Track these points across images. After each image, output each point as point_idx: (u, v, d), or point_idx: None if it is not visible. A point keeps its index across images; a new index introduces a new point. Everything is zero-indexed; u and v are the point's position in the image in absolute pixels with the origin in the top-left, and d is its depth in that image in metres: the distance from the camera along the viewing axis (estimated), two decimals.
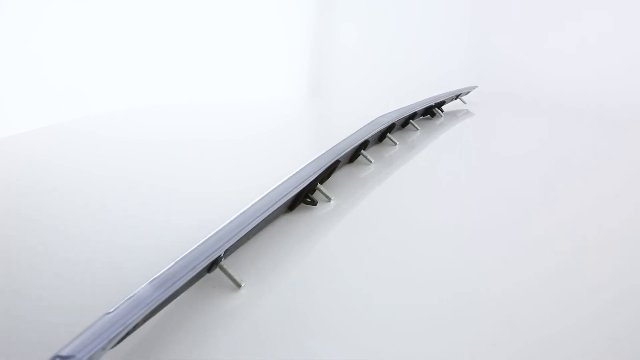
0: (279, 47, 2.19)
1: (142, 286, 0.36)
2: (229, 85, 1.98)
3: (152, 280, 0.36)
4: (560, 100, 1.43)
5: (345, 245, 0.54)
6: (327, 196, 0.61)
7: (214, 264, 0.43)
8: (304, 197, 0.59)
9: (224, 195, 0.65)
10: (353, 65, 2.10)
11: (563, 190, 0.67)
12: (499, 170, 0.77)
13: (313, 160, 0.60)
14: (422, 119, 1.06)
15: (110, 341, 0.31)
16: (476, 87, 1.32)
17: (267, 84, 2.06)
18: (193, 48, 2.04)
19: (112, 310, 0.33)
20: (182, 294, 0.41)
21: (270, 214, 0.51)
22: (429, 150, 0.87)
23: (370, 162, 0.75)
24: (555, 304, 0.41)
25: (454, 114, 1.15)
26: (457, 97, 1.21)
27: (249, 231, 0.47)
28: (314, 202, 0.60)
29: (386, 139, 0.86)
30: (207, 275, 0.44)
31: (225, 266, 0.43)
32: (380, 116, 0.83)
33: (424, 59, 1.97)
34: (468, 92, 1.29)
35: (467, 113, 1.18)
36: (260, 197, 0.51)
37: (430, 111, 1.07)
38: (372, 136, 0.77)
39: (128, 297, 0.34)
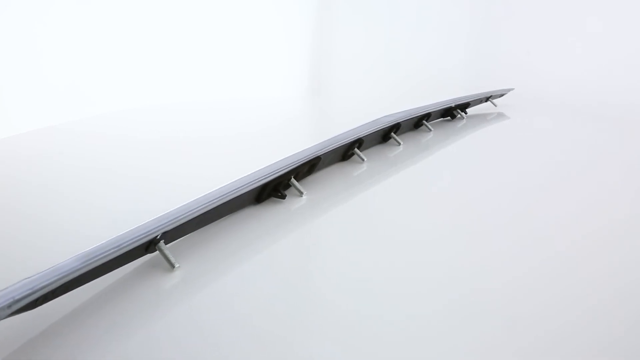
0: (279, 46, 2.19)
1: (69, 258, 0.38)
2: (229, 84, 1.98)
3: (78, 254, 0.39)
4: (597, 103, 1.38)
5: (304, 240, 0.54)
6: (299, 191, 0.61)
7: (152, 244, 0.45)
8: (273, 190, 0.59)
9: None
10: (354, 64, 2.10)
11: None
12: (510, 179, 0.73)
13: (290, 156, 0.60)
14: (442, 120, 1.01)
15: (16, 301, 0.33)
16: (512, 89, 1.23)
17: (267, 82, 2.06)
18: (194, 48, 2.04)
19: (31, 276, 0.35)
20: (124, 270, 0.44)
21: (227, 204, 0.52)
22: (434, 154, 0.84)
23: (363, 160, 0.74)
24: (554, 302, 0.41)
25: (483, 117, 1.09)
26: (487, 99, 1.13)
27: (199, 217, 0.48)
28: (282, 196, 0.59)
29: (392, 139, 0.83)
30: (157, 255, 0.46)
31: (162, 247, 0.45)
32: (385, 116, 0.81)
33: (425, 58, 1.97)
34: (502, 95, 1.19)
35: (497, 116, 1.10)
36: (219, 187, 0.52)
37: (451, 113, 1.01)
38: (369, 135, 0.75)
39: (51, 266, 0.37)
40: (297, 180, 0.62)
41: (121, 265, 0.44)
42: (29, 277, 0.35)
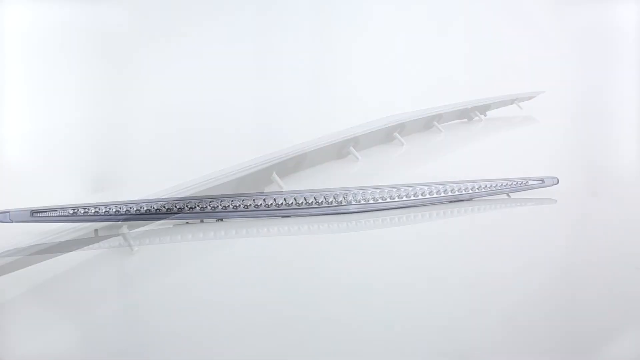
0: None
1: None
2: (230, 84, 1.97)
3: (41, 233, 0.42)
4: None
5: (273, 234, 0.54)
6: (280, 186, 0.62)
7: (114, 228, 0.48)
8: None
9: None
10: (356, 63, 2.09)
11: None
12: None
13: (274, 152, 0.61)
14: (459, 122, 0.98)
15: None
16: (543, 92, 1.16)
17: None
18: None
19: None
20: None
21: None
22: (441, 156, 0.82)
23: (358, 159, 0.74)
24: (555, 302, 0.41)
25: (508, 120, 1.04)
26: (512, 101, 1.07)
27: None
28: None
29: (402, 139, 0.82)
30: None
31: (124, 232, 0.48)
32: (389, 116, 0.81)
33: (425, 58, 1.96)
34: (531, 98, 1.13)
35: (523, 120, 1.06)
36: (196, 180, 0.54)
37: (468, 114, 0.98)
38: (367, 134, 0.75)
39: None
40: (281, 177, 0.63)
41: (87, 246, 0.46)
42: None
